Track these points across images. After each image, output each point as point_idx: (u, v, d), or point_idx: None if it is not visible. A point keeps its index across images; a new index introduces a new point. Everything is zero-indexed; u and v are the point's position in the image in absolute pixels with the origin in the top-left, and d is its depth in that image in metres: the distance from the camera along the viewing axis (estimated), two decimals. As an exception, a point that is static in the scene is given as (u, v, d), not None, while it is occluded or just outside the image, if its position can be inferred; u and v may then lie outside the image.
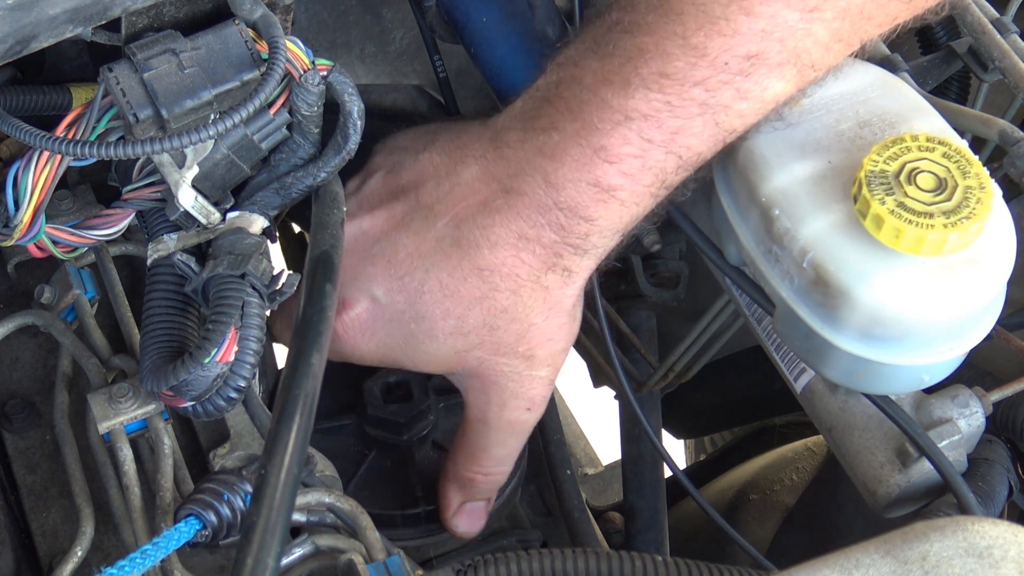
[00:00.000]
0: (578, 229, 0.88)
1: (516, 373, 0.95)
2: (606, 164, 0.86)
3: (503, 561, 0.81)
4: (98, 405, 0.91)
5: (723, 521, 1.11)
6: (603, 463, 1.70)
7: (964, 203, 0.82)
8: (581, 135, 0.86)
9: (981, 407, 0.91)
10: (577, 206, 0.88)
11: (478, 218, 0.90)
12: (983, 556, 0.70)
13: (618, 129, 0.85)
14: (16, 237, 0.88)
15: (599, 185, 0.87)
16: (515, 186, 0.89)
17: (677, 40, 0.84)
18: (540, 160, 0.88)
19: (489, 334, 0.92)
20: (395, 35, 1.19)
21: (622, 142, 0.86)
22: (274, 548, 0.70)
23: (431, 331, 0.93)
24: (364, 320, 0.94)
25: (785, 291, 0.87)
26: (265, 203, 0.92)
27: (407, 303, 0.93)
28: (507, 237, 0.90)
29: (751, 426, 1.79)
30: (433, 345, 0.94)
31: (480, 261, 0.90)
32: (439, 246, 0.91)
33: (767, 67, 0.84)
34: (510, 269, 0.90)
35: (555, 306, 0.92)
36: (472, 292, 0.91)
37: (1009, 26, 1.04)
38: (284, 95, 0.88)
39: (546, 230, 0.89)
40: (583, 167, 0.87)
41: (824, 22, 0.84)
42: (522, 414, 0.97)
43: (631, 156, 0.86)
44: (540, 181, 0.88)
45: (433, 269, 0.92)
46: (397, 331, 0.94)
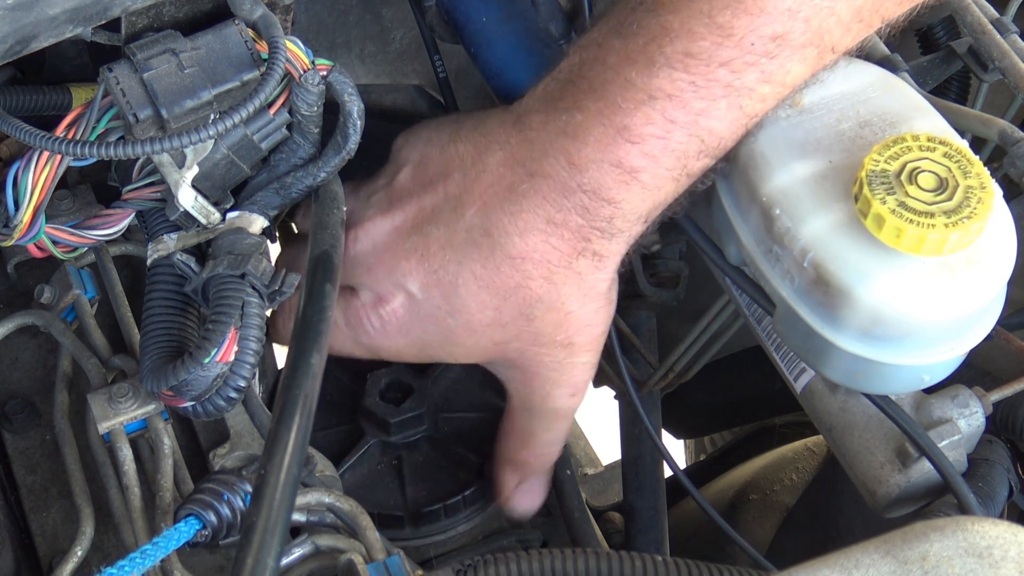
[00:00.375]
0: (602, 212, 0.88)
1: (557, 362, 0.94)
2: (628, 144, 0.85)
3: (503, 561, 0.81)
4: (98, 405, 0.91)
5: (722, 520, 1.11)
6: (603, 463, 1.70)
7: (965, 203, 0.82)
8: (604, 115, 0.86)
9: (981, 407, 0.91)
10: (600, 187, 0.87)
11: (506, 204, 0.90)
12: (983, 556, 0.70)
13: (641, 108, 0.84)
14: (16, 237, 0.88)
15: (621, 166, 0.86)
16: (539, 168, 0.88)
17: (703, 19, 0.83)
18: (563, 141, 0.87)
19: (527, 324, 0.92)
20: (395, 35, 1.19)
21: (645, 121, 0.85)
22: (274, 548, 0.70)
23: (468, 324, 0.92)
24: (400, 316, 0.94)
25: (785, 291, 0.87)
26: (265, 203, 0.92)
27: (442, 297, 0.92)
28: (535, 223, 0.89)
29: (751, 426, 1.79)
30: (472, 338, 0.93)
31: (511, 249, 0.90)
32: (470, 236, 0.91)
33: (791, 48, 0.83)
34: (541, 256, 0.89)
35: (590, 291, 0.91)
36: (506, 282, 0.90)
37: (1009, 26, 1.04)
38: (284, 95, 0.88)
39: (572, 214, 0.88)
40: (606, 147, 0.86)
41: (848, 0, 0.83)
42: (566, 400, 0.97)
43: (654, 136, 0.85)
44: (563, 162, 0.87)
45: (466, 261, 0.91)
46: (433, 326, 0.93)
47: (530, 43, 1.02)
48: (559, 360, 0.94)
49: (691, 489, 1.11)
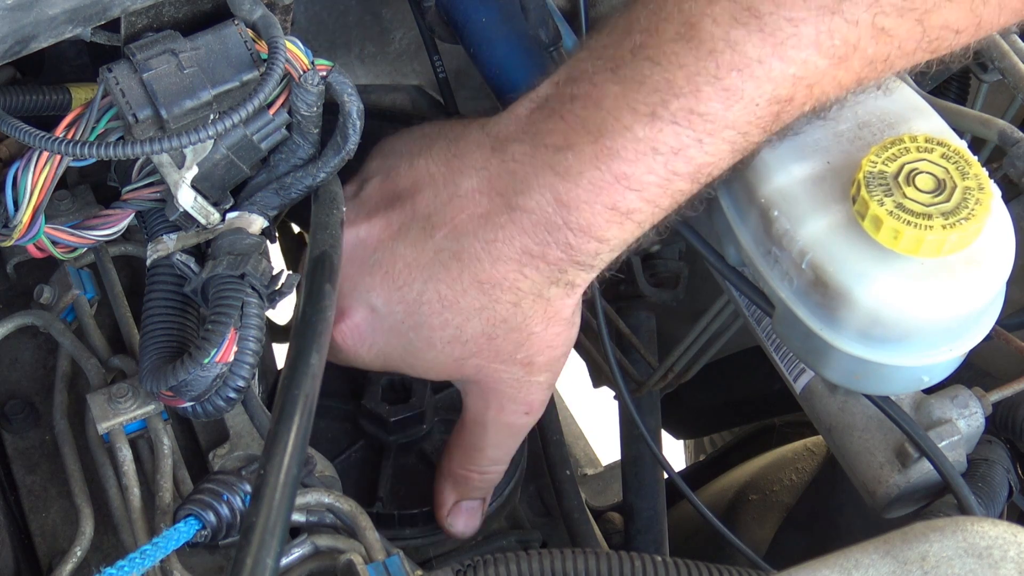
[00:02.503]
0: (588, 248, 0.88)
1: (515, 379, 0.94)
2: (628, 191, 0.85)
3: (502, 561, 0.81)
4: (97, 405, 0.91)
5: (718, 523, 1.11)
6: (603, 463, 1.70)
7: (963, 204, 0.82)
8: (601, 159, 0.85)
9: (980, 407, 0.91)
10: (590, 227, 0.86)
11: (480, 232, 0.89)
12: (983, 556, 0.70)
13: (643, 160, 0.84)
14: (16, 237, 0.88)
15: (616, 209, 0.86)
16: (521, 203, 0.88)
17: (710, 79, 0.82)
18: (551, 178, 0.87)
19: (488, 343, 0.92)
20: (394, 35, 1.19)
21: (646, 172, 0.84)
22: (273, 548, 0.70)
23: (429, 340, 0.93)
24: (363, 329, 0.94)
25: (784, 292, 0.87)
26: (264, 203, 0.92)
27: (405, 313, 0.92)
28: (510, 252, 0.89)
29: (751, 426, 1.79)
30: (431, 353, 0.94)
31: (481, 275, 0.90)
32: (438, 258, 0.91)
33: (793, 108, 0.83)
34: (512, 283, 0.90)
35: (555, 316, 0.92)
36: (472, 304, 0.91)
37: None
38: (283, 95, 0.88)
39: (552, 248, 0.88)
40: (601, 191, 0.85)
41: (850, 70, 0.83)
42: (520, 417, 0.97)
43: (655, 185, 0.85)
44: (550, 199, 0.87)
45: (432, 280, 0.91)
46: (396, 340, 0.94)
47: (529, 43, 1.03)
48: (517, 378, 0.94)
49: (687, 492, 1.11)
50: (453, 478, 1.03)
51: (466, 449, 1.01)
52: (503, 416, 0.97)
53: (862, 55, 0.82)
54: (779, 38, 0.81)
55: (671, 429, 1.87)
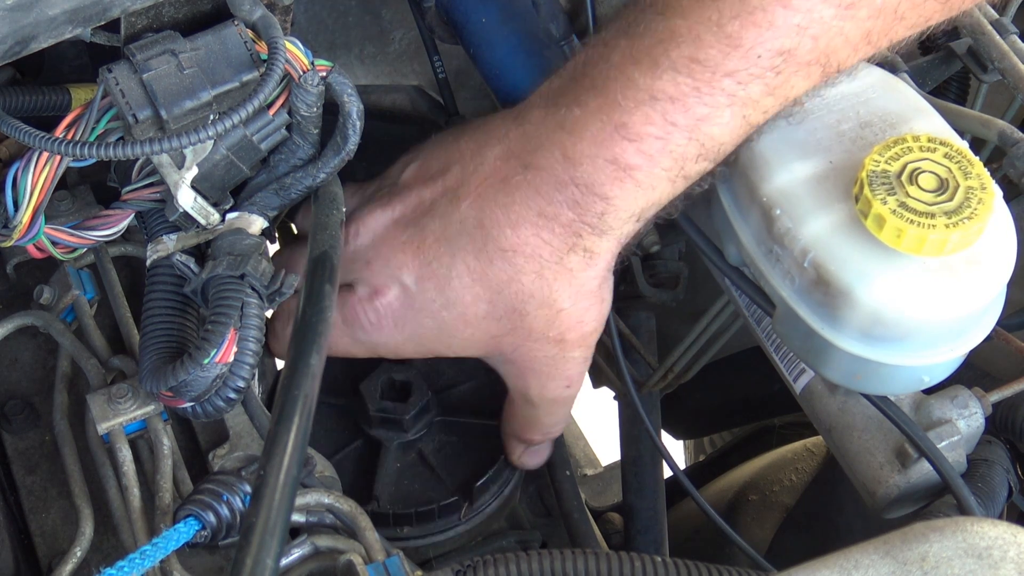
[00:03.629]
0: (594, 207, 0.88)
1: (549, 358, 0.95)
2: (625, 141, 0.85)
3: (502, 562, 0.81)
4: (97, 406, 0.91)
5: (720, 520, 1.11)
6: (602, 464, 1.70)
7: (965, 203, 0.82)
8: (603, 111, 0.86)
9: (980, 408, 0.91)
10: (593, 183, 0.87)
11: (499, 196, 0.90)
12: (982, 557, 0.70)
13: (641, 108, 0.85)
14: (15, 238, 0.88)
15: (617, 163, 0.86)
16: (534, 161, 0.89)
17: (711, 26, 0.83)
18: (559, 135, 0.88)
19: (520, 320, 0.92)
20: (394, 36, 1.19)
21: (644, 121, 0.85)
22: (273, 549, 0.70)
23: (463, 316, 0.93)
24: (396, 309, 0.94)
25: (786, 291, 0.87)
26: (264, 204, 0.92)
27: (437, 289, 0.92)
28: (527, 215, 0.89)
29: (751, 427, 1.79)
30: (468, 330, 0.94)
31: (503, 242, 0.90)
32: (463, 228, 0.91)
33: (797, 65, 0.83)
34: (532, 250, 0.90)
35: (581, 289, 0.92)
36: (499, 275, 0.91)
37: (1008, 27, 1.04)
38: (283, 96, 0.88)
39: (563, 208, 0.88)
40: (602, 143, 0.86)
41: (858, 20, 0.83)
42: (562, 391, 0.98)
43: (652, 137, 0.85)
44: (558, 156, 0.88)
45: (459, 253, 0.91)
46: (429, 319, 0.94)
47: (529, 44, 1.02)
48: (551, 356, 0.95)
49: (690, 488, 1.11)
50: (518, 439, 1.04)
51: (522, 420, 1.02)
52: (547, 393, 0.98)
53: (870, 4, 0.82)
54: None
55: (671, 429, 1.87)
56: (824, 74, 0.85)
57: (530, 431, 1.03)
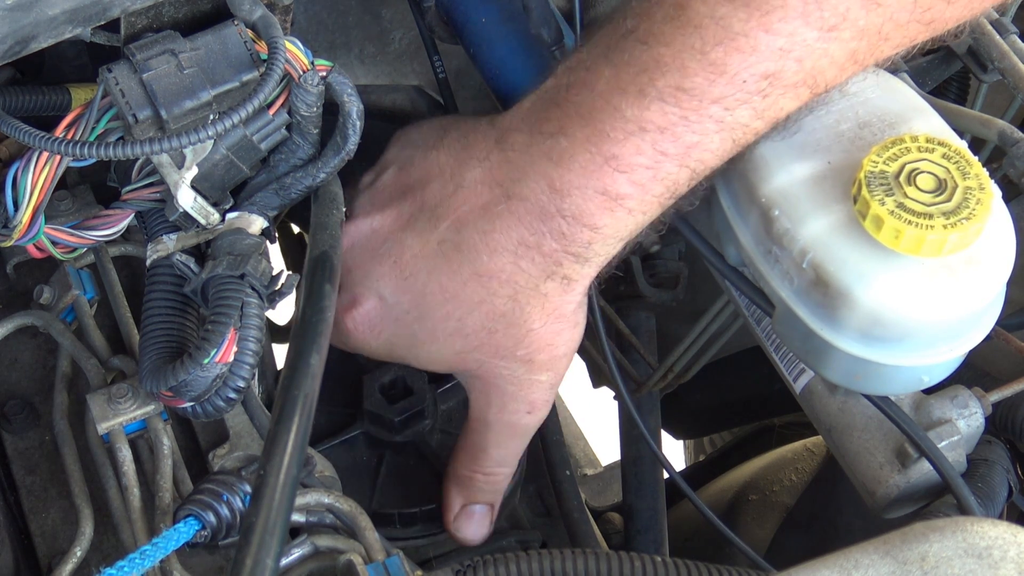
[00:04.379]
0: (581, 237, 0.88)
1: (516, 377, 0.95)
2: (617, 173, 0.85)
3: (502, 561, 0.81)
4: (97, 406, 0.91)
5: (718, 521, 1.11)
6: (602, 464, 1.70)
7: (964, 204, 0.82)
8: (592, 142, 0.85)
9: (980, 408, 0.91)
10: (582, 213, 0.87)
11: (479, 223, 0.90)
12: (982, 557, 0.70)
13: (631, 139, 0.84)
14: (15, 237, 0.88)
15: (607, 193, 0.86)
16: (517, 191, 0.89)
17: (695, 54, 0.82)
18: (545, 165, 0.87)
19: (488, 337, 0.93)
20: (394, 36, 1.19)
21: (635, 152, 0.85)
22: (273, 548, 0.70)
23: (432, 332, 0.94)
24: (372, 318, 0.95)
25: (785, 292, 0.87)
26: (264, 204, 0.92)
27: (411, 303, 0.94)
28: (506, 244, 0.90)
29: (750, 427, 1.79)
30: (435, 345, 0.95)
31: (479, 267, 0.91)
32: (441, 249, 0.92)
33: (783, 87, 0.83)
34: (508, 276, 0.90)
35: (554, 312, 0.92)
36: (471, 296, 0.92)
37: (1008, 27, 1.04)
38: (283, 96, 0.88)
39: (547, 238, 0.88)
40: (592, 174, 0.86)
41: (842, 42, 0.83)
42: (522, 417, 0.98)
43: (643, 167, 0.85)
44: (544, 187, 0.88)
45: (435, 272, 0.92)
46: (402, 330, 0.95)
47: (529, 44, 1.02)
48: (518, 375, 0.95)
49: (687, 491, 1.11)
50: (459, 480, 1.03)
51: (471, 450, 1.01)
52: (505, 415, 0.97)
53: (853, 26, 0.82)
54: (764, 10, 0.81)
55: (671, 429, 1.87)
56: (812, 93, 0.85)
57: (476, 464, 1.01)
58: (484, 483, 1.02)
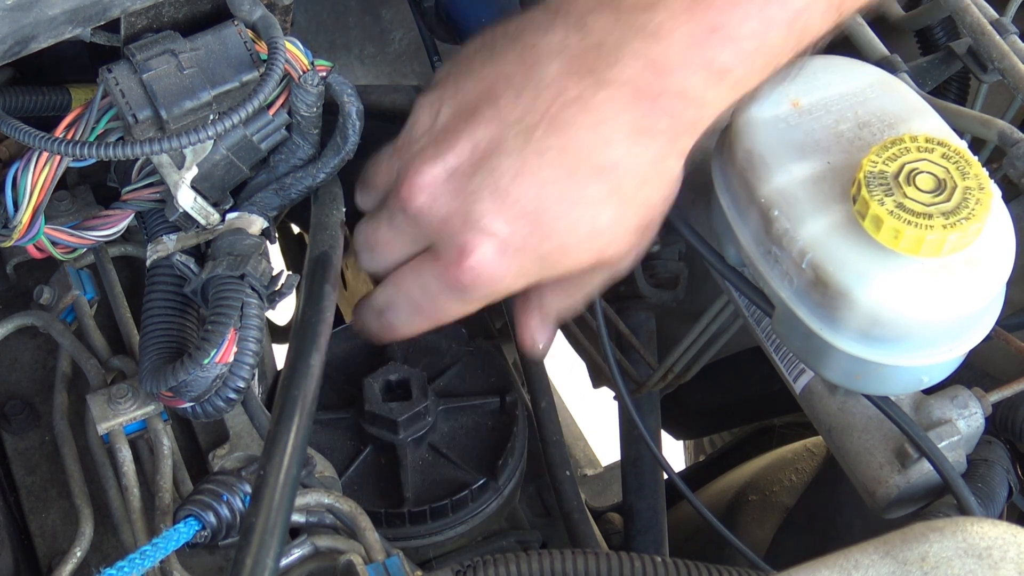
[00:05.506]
0: (687, 114, 0.83)
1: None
2: (721, 43, 0.81)
3: (502, 562, 0.81)
4: (97, 406, 0.91)
5: (717, 522, 1.11)
6: (602, 464, 1.71)
7: (963, 204, 0.82)
8: (694, 12, 0.81)
9: (980, 408, 0.91)
10: (687, 89, 0.82)
11: (579, 117, 0.83)
12: (982, 557, 0.70)
13: (739, 7, 0.81)
14: (15, 238, 0.89)
15: (711, 67, 0.82)
16: (614, 75, 0.83)
17: None
18: (641, 43, 0.82)
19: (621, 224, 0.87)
20: (394, 36, 1.19)
21: (742, 20, 0.81)
22: (273, 549, 0.70)
23: (564, 246, 0.86)
24: (490, 259, 0.86)
25: (784, 292, 0.87)
26: (264, 204, 0.92)
27: (530, 228, 0.85)
28: (618, 130, 0.83)
29: (750, 427, 1.79)
30: (572, 257, 0.87)
31: (597, 161, 0.84)
32: (544, 159, 0.84)
33: None
34: (631, 163, 0.84)
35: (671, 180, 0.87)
36: (595, 195, 0.85)
37: (1008, 27, 1.04)
38: (283, 96, 0.88)
39: (658, 118, 0.83)
40: (695, 47, 0.81)
41: None
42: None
43: (750, 36, 0.81)
44: (643, 66, 0.82)
45: (547, 184, 0.84)
46: (529, 257, 0.87)
47: (529, 44, 1.02)
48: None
49: (687, 493, 1.11)
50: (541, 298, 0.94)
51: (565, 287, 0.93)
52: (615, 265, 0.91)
53: None
54: None
55: (671, 429, 1.87)
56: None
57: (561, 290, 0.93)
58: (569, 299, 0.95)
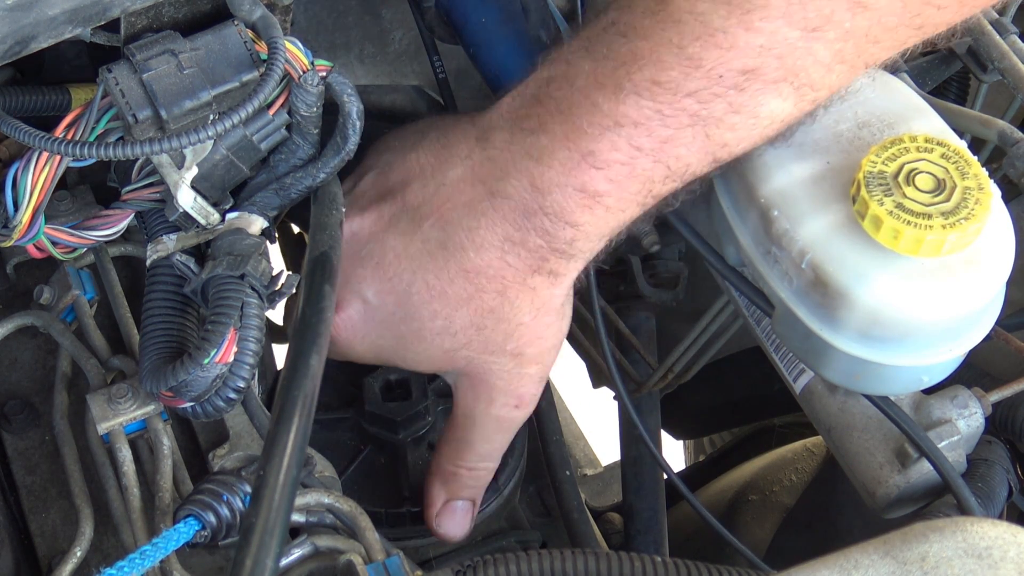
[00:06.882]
0: (563, 235, 0.88)
1: (505, 371, 0.95)
2: (593, 169, 0.85)
3: (502, 562, 0.81)
4: (97, 406, 0.91)
5: (717, 523, 1.11)
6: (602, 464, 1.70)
7: (963, 204, 0.82)
8: (570, 139, 0.86)
9: (980, 408, 0.91)
10: (563, 211, 0.87)
11: (464, 220, 0.90)
12: (982, 557, 0.70)
13: (607, 135, 0.84)
14: (15, 238, 0.88)
15: (585, 190, 0.86)
16: (501, 189, 0.89)
17: (672, 48, 0.82)
18: (527, 163, 0.88)
19: (477, 334, 0.93)
20: (394, 36, 1.19)
21: (610, 148, 0.85)
22: (273, 549, 0.70)
23: (420, 332, 0.93)
24: (356, 321, 0.95)
25: (784, 292, 0.87)
26: (264, 204, 0.92)
27: (396, 304, 0.93)
28: (492, 240, 0.90)
29: (750, 427, 1.79)
30: (422, 345, 0.94)
31: (466, 263, 0.91)
32: (425, 248, 0.92)
33: (763, 83, 0.83)
34: (496, 271, 0.90)
35: (543, 306, 0.92)
36: (459, 293, 0.91)
37: (1008, 27, 1.04)
38: (283, 96, 0.88)
39: (531, 234, 0.89)
40: (570, 171, 0.86)
41: (826, 42, 0.82)
42: (510, 411, 0.98)
43: (619, 163, 0.85)
44: (526, 184, 0.88)
45: (420, 271, 0.92)
46: (388, 332, 0.95)
47: (529, 44, 1.03)
48: (507, 369, 0.95)
49: (686, 493, 1.11)
50: (442, 475, 1.02)
51: (455, 444, 1.01)
52: (493, 409, 0.97)
53: (838, 27, 0.82)
54: (745, 8, 0.81)
55: (671, 429, 1.87)
56: (798, 92, 0.84)
57: (459, 458, 1.01)
58: (468, 478, 1.02)
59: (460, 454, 1.01)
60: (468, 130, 0.93)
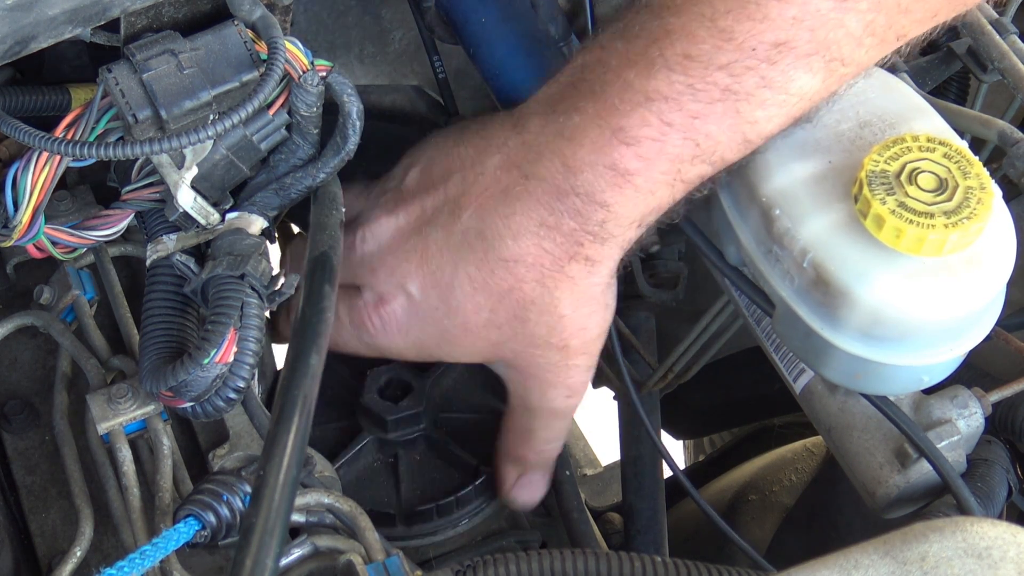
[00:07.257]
0: (595, 216, 0.88)
1: (552, 364, 0.95)
2: (623, 146, 0.85)
3: (502, 562, 0.81)
4: (97, 406, 0.91)
5: (720, 520, 1.11)
6: (602, 464, 1.70)
7: (965, 203, 0.82)
8: (601, 116, 0.86)
9: (980, 408, 0.91)
10: (593, 190, 0.87)
11: (500, 207, 0.90)
12: (982, 557, 0.70)
13: (638, 110, 0.84)
14: (15, 238, 0.88)
15: (616, 168, 0.86)
16: (534, 171, 0.89)
17: (704, 22, 0.83)
18: (559, 143, 0.88)
19: (521, 327, 0.93)
20: (394, 36, 1.19)
21: (641, 123, 0.85)
22: (273, 549, 0.70)
23: (464, 325, 0.94)
24: (400, 316, 0.95)
25: (785, 291, 0.87)
26: (264, 204, 0.92)
27: (440, 298, 0.93)
28: (528, 225, 0.89)
29: (750, 427, 1.79)
30: (468, 338, 0.95)
31: (504, 252, 0.90)
32: (465, 239, 0.92)
33: (794, 56, 0.83)
34: (534, 259, 0.90)
35: (583, 296, 0.92)
36: (500, 284, 0.91)
37: (1008, 27, 1.04)
38: (283, 96, 0.88)
39: (564, 217, 0.88)
40: (600, 149, 0.86)
41: (858, 13, 0.82)
42: (563, 401, 0.98)
43: (649, 139, 0.85)
44: (559, 165, 0.88)
45: (461, 263, 0.92)
46: (432, 326, 0.95)
47: (529, 44, 1.02)
48: (554, 362, 0.95)
49: (689, 487, 1.11)
50: (512, 459, 1.04)
51: (518, 433, 1.02)
52: (546, 401, 0.98)
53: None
54: None
55: (671, 429, 1.87)
56: (828, 67, 0.84)
57: (525, 445, 1.02)
58: (537, 459, 1.04)
59: (525, 442, 1.02)
60: (505, 120, 0.93)
